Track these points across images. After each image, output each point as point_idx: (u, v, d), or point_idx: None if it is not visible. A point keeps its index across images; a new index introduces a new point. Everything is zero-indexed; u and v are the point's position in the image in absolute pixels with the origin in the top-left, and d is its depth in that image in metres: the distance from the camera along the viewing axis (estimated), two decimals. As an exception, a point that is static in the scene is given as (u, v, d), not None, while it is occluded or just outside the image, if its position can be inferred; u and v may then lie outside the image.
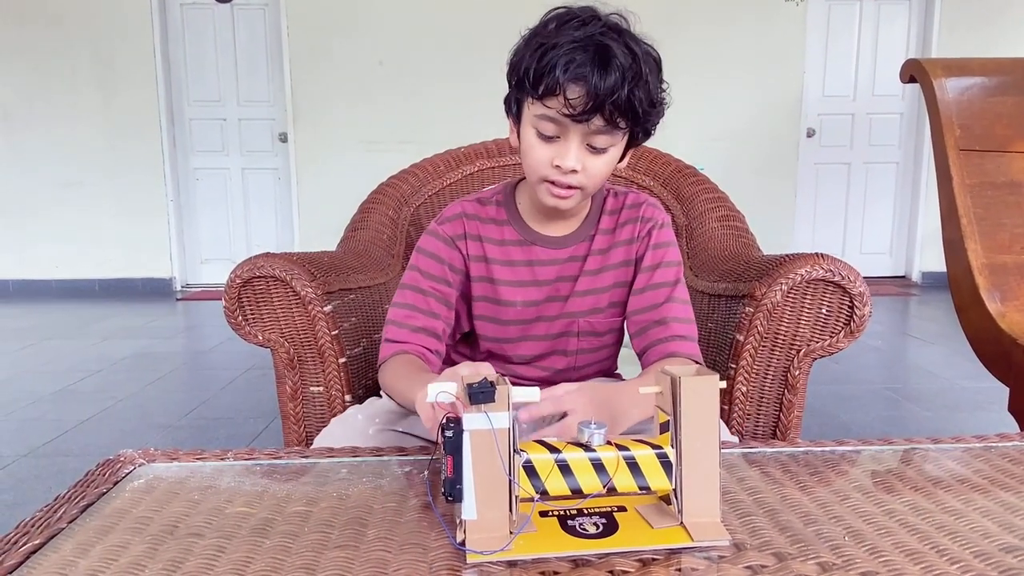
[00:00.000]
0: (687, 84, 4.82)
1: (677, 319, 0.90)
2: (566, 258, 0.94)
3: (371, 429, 0.89)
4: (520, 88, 0.81)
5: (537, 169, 0.83)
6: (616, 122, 0.78)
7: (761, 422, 1.04)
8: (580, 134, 0.79)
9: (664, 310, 0.90)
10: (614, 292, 0.95)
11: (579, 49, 0.75)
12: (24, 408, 2.47)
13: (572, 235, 0.94)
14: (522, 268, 0.94)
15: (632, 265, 0.94)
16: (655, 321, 0.90)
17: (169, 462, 0.74)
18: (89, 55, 4.77)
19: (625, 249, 0.94)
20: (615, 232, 0.94)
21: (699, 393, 0.56)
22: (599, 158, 0.82)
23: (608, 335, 0.97)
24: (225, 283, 1.05)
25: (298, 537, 0.59)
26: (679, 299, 0.92)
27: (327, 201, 4.89)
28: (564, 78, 0.75)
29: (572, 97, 0.76)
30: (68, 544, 0.58)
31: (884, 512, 0.62)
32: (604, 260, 0.94)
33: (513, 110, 0.86)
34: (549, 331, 0.95)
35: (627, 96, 0.76)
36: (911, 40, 4.95)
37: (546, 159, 0.81)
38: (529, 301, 0.94)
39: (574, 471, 0.56)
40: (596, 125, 0.78)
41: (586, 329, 0.95)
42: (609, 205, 0.95)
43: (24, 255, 4.92)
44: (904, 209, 5.13)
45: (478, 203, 0.96)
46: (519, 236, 0.94)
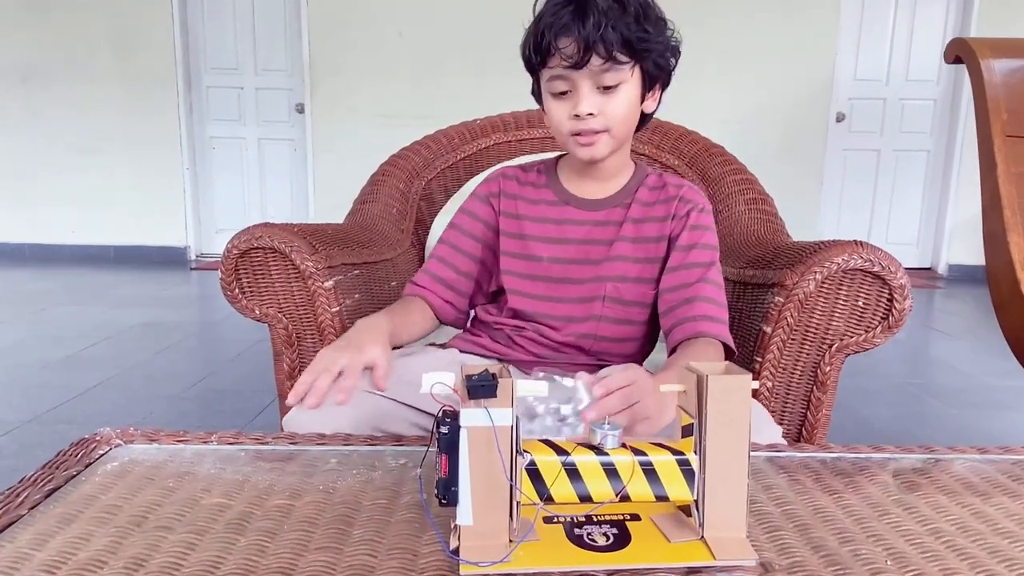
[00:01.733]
0: (714, 65, 4.68)
1: (708, 299, 0.88)
2: (600, 220, 0.95)
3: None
4: (531, 69, 0.89)
5: (561, 126, 0.87)
6: (614, 56, 0.82)
7: (787, 419, 0.97)
8: (587, 80, 0.84)
9: (696, 289, 0.89)
10: (644, 266, 0.94)
11: (560, 8, 0.82)
12: (32, 373, 2.45)
13: (607, 199, 0.96)
14: (551, 225, 0.96)
15: (665, 242, 0.94)
16: (685, 299, 0.89)
17: (148, 443, 0.69)
18: (107, 20, 4.71)
19: (659, 225, 0.94)
20: (652, 207, 0.95)
21: (728, 394, 0.50)
22: (613, 98, 0.85)
23: (634, 307, 0.94)
24: (222, 254, 0.99)
25: (276, 536, 0.53)
26: (712, 281, 0.90)
27: (343, 174, 4.81)
28: (552, 35, 0.82)
29: (564, 47, 0.82)
30: (25, 534, 0.53)
31: (929, 532, 0.56)
32: (638, 231, 0.94)
33: (537, 92, 0.92)
34: (578, 294, 0.95)
35: (615, 31, 0.81)
36: (949, 23, 4.76)
37: (566, 114, 0.86)
38: (556, 258, 0.95)
39: (583, 476, 0.50)
40: (596, 66, 0.82)
41: (612, 294, 0.93)
42: (651, 181, 0.97)
43: (40, 219, 4.91)
44: (933, 199, 4.98)
45: (521, 168, 1.01)
46: (555, 197, 0.97)
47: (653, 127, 1.57)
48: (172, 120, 4.81)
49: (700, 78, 4.68)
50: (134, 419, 2.06)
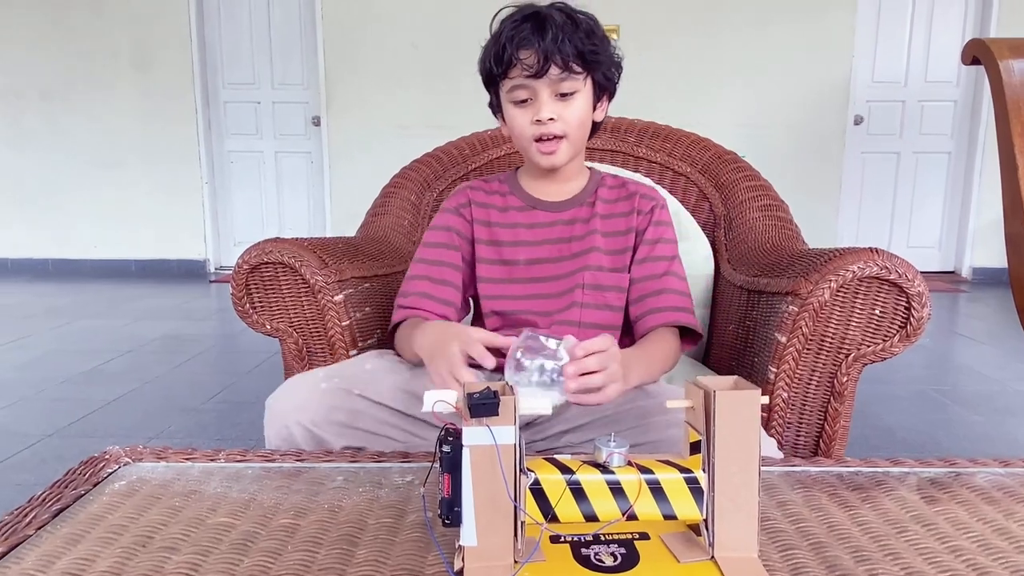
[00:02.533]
0: (731, 69, 4.66)
1: (676, 291, 0.97)
2: (568, 219, 1.01)
3: (324, 384, 0.86)
4: (491, 81, 0.96)
5: (523, 132, 0.94)
6: (570, 67, 0.89)
7: (803, 431, 0.95)
8: (546, 88, 0.90)
9: (664, 282, 0.97)
10: (617, 257, 0.99)
11: (518, 24, 0.90)
12: (55, 387, 2.48)
13: (571, 200, 1.02)
14: (523, 230, 1.01)
15: (633, 234, 1.00)
16: (654, 291, 0.96)
17: (156, 461, 0.69)
18: (127, 37, 4.79)
19: (626, 219, 1.00)
20: (616, 203, 1.02)
21: (737, 410, 0.48)
22: (570, 104, 0.92)
23: (611, 292, 0.98)
24: (233, 269, 1.00)
25: (280, 556, 0.53)
26: (676, 273, 0.99)
27: (359, 185, 4.84)
28: (513, 47, 0.89)
29: (525, 58, 0.89)
30: (32, 555, 0.53)
31: (949, 550, 0.54)
32: (605, 225, 1.00)
33: (495, 104, 0.99)
34: (556, 289, 0.99)
35: (570, 44, 0.89)
36: (967, 24, 4.69)
37: (527, 120, 0.92)
38: (532, 259, 0.99)
39: (589, 496, 0.49)
40: (554, 75, 0.89)
41: (591, 282, 0.98)
42: (609, 182, 1.04)
43: (63, 235, 4.99)
44: (955, 201, 4.90)
45: (483, 181, 1.07)
46: (521, 203, 1.02)
47: (664, 135, 1.56)
48: (191, 135, 4.88)
49: (717, 82, 4.66)
50: (153, 432, 2.08)
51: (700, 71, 4.65)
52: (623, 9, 4.55)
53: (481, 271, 1.00)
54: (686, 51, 4.61)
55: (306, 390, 0.85)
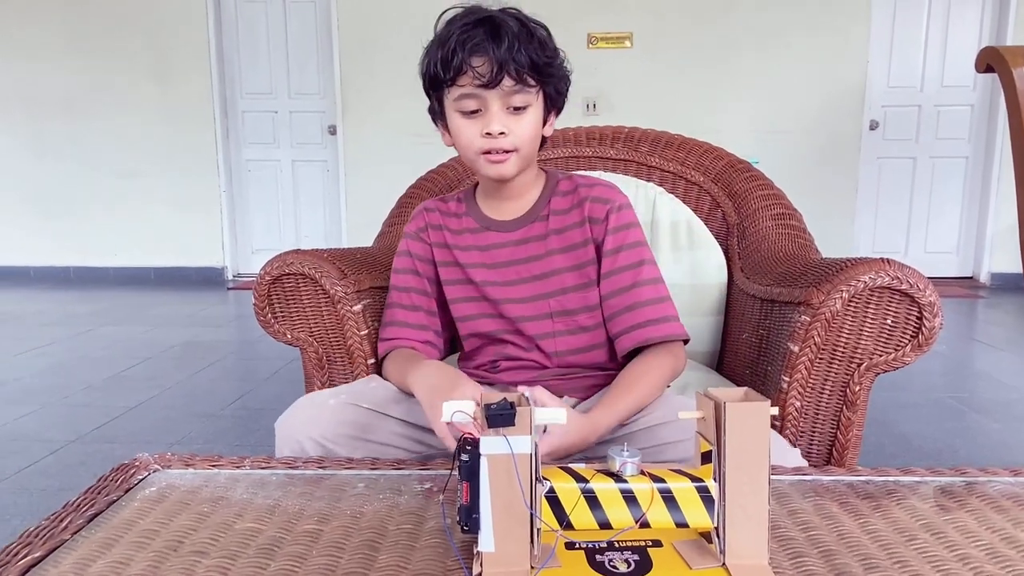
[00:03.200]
0: (743, 73, 4.65)
1: (647, 302, 0.92)
2: (519, 240, 0.97)
3: (332, 400, 0.87)
4: (435, 86, 0.89)
5: (471, 144, 0.88)
6: (524, 79, 0.85)
7: (816, 440, 0.96)
8: (497, 100, 0.86)
9: (632, 295, 0.92)
10: (580, 272, 0.95)
11: (471, 27, 0.84)
12: (77, 393, 2.53)
13: (523, 217, 0.97)
14: (476, 252, 0.98)
15: (591, 245, 0.95)
16: (625, 307, 0.92)
17: (184, 468, 0.71)
18: (146, 48, 4.88)
19: (580, 230, 0.95)
20: (568, 213, 0.96)
21: (747, 421, 0.50)
22: (522, 118, 0.88)
23: (581, 314, 0.95)
24: (255, 280, 1.02)
25: (305, 560, 0.55)
26: (646, 281, 0.93)
27: (375, 193, 4.88)
28: (466, 54, 0.84)
29: (478, 66, 0.84)
30: (69, 558, 0.55)
31: (957, 558, 0.55)
32: (562, 240, 0.95)
33: (437, 111, 0.93)
34: (521, 312, 0.95)
35: (525, 54, 0.84)
36: (984, 27, 4.67)
37: (475, 133, 0.87)
38: (489, 282, 0.97)
39: (603, 504, 0.51)
40: (507, 87, 0.85)
41: (558, 309, 0.95)
42: (563, 187, 0.98)
43: (84, 243, 5.08)
44: (973, 206, 4.86)
45: (440, 200, 1.04)
46: (475, 224, 0.99)
47: (677, 144, 1.57)
48: (209, 144, 4.95)
49: (731, 88, 4.66)
50: (173, 438, 2.11)
51: (714, 77, 4.65)
52: (637, 15, 4.58)
53: (449, 293, 0.99)
54: (700, 57, 4.62)
55: (314, 407, 0.86)
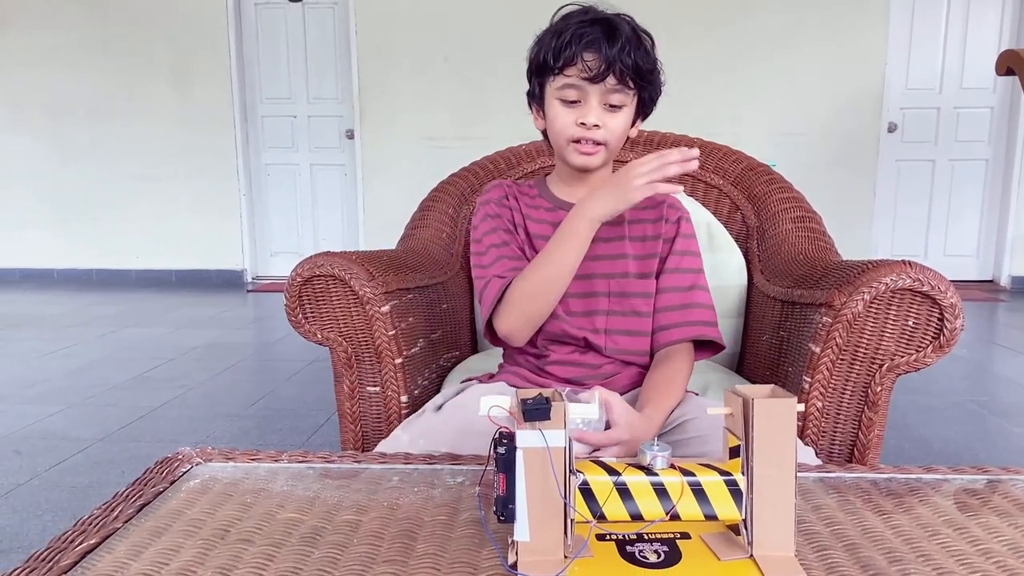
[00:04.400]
0: (761, 75, 4.65)
1: (703, 305, 0.99)
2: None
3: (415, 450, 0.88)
4: (542, 72, 0.96)
5: (564, 131, 0.95)
6: (627, 81, 0.91)
7: (838, 440, 0.97)
8: (598, 95, 0.92)
9: (691, 296, 0.99)
10: (644, 262, 1.01)
11: (588, 25, 0.91)
12: (103, 393, 2.58)
13: None
14: (549, 227, 1.01)
15: (659, 241, 1.01)
16: (682, 304, 0.99)
17: (225, 462, 0.74)
18: (168, 54, 4.96)
19: (653, 226, 1.02)
20: (643, 210, 1.02)
21: (774, 416, 0.52)
22: (617, 116, 0.94)
23: (637, 299, 1.00)
24: (286, 281, 1.05)
25: (347, 548, 0.57)
26: (703, 287, 1.01)
27: (392, 197, 4.94)
28: (579, 47, 0.90)
29: (588, 60, 0.90)
30: (122, 545, 0.58)
31: (979, 552, 0.56)
32: (632, 230, 1.02)
33: (536, 95, 1.00)
34: (579, 289, 1.00)
35: (632, 58, 0.90)
36: (1004, 28, 4.63)
37: (571, 120, 0.94)
38: None
39: (634, 496, 0.53)
40: (610, 85, 0.91)
41: (616, 290, 1.00)
42: None
43: (106, 246, 5.16)
44: (993, 209, 4.82)
45: (513, 182, 1.10)
46: (550, 204, 1.05)
47: (697, 147, 1.58)
48: (229, 149, 5.02)
49: (749, 90, 4.66)
50: (197, 437, 2.15)
51: (732, 79, 4.65)
52: (654, 16, 4.55)
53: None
54: (718, 59, 4.62)
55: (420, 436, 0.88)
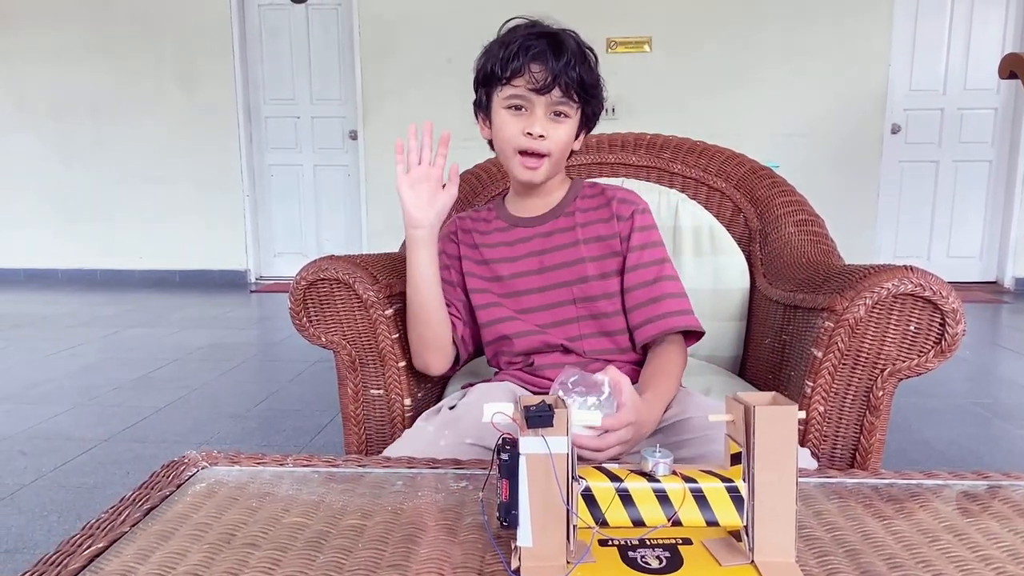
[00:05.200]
0: (764, 76, 4.65)
1: (671, 295, 1.01)
2: (546, 232, 1.06)
3: (442, 441, 0.89)
4: (489, 81, 0.99)
5: (511, 140, 0.98)
6: (571, 95, 0.95)
7: (839, 444, 0.97)
8: (543, 106, 0.96)
9: (657, 288, 1.01)
10: (603, 262, 1.03)
11: (535, 38, 0.95)
12: (107, 394, 2.59)
13: (549, 213, 1.07)
14: (505, 248, 1.07)
15: (616, 240, 1.03)
16: (651, 299, 1.00)
17: (231, 465, 0.74)
18: (172, 54, 4.97)
19: (606, 225, 1.04)
20: (595, 211, 1.05)
21: (775, 424, 0.52)
22: (561, 127, 0.98)
23: (601, 300, 1.02)
24: (291, 285, 1.06)
25: (351, 553, 0.58)
26: (668, 276, 1.02)
27: (395, 198, 4.89)
28: (526, 59, 0.94)
29: (535, 72, 0.94)
30: (129, 549, 0.59)
31: (979, 559, 0.56)
32: (585, 232, 1.04)
33: (483, 105, 1.04)
34: (544, 301, 1.03)
35: (577, 72, 0.94)
36: (1008, 29, 4.63)
37: (518, 130, 0.97)
38: (515, 273, 1.05)
39: (636, 502, 0.53)
40: (556, 96, 0.95)
41: (579, 295, 1.02)
42: (587, 191, 1.08)
43: (110, 246, 5.18)
44: (996, 211, 4.82)
45: (473, 210, 1.16)
46: (504, 223, 1.09)
47: (699, 150, 1.59)
48: (233, 149, 5.03)
49: (752, 91, 4.66)
50: (201, 438, 2.16)
51: (734, 80, 4.65)
52: (657, 18, 4.59)
53: (473, 286, 1.07)
54: (721, 60, 4.62)
55: (424, 448, 0.87)
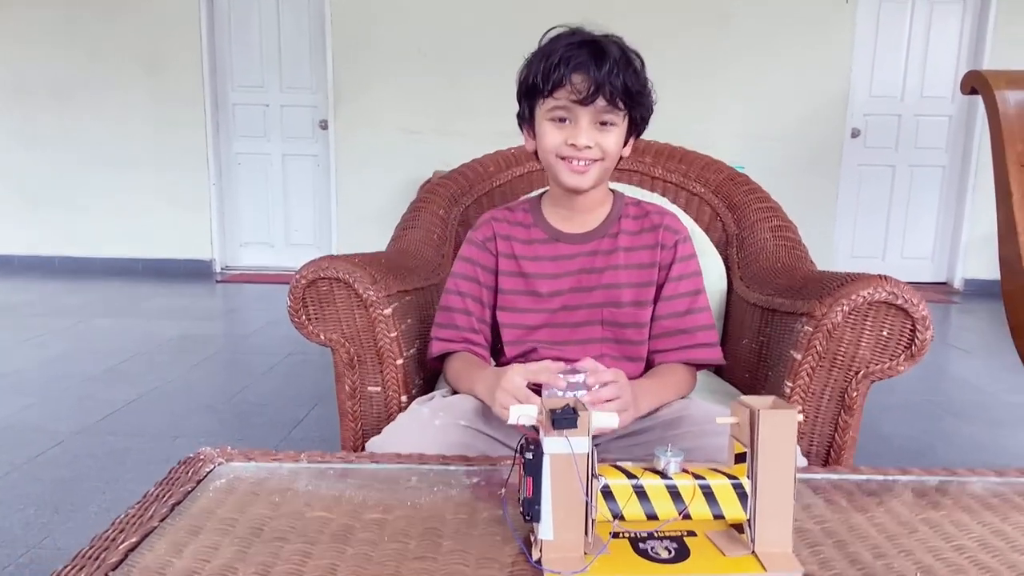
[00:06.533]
0: (731, 81, 4.75)
1: (701, 328, 1.02)
2: (589, 252, 1.03)
3: (436, 421, 0.92)
4: (531, 94, 0.96)
5: (553, 149, 0.95)
6: (616, 102, 0.92)
7: (815, 442, 1.04)
8: (588, 116, 0.93)
9: (688, 320, 1.02)
10: (639, 290, 1.02)
11: (576, 47, 0.91)
12: (77, 385, 2.55)
13: (594, 231, 1.04)
14: (547, 262, 1.04)
15: (656, 268, 1.03)
16: (679, 329, 1.02)
17: (246, 462, 0.77)
18: (139, 41, 4.85)
19: (650, 252, 1.03)
20: (640, 235, 1.04)
21: (777, 426, 0.57)
22: (608, 135, 0.95)
23: (630, 328, 1.02)
24: (290, 283, 1.08)
25: (378, 546, 0.61)
26: (700, 308, 1.03)
27: (365, 188, 4.93)
28: (568, 70, 0.90)
29: (577, 83, 0.91)
30: (162, 543, 0.61)
31: (953, 548, 0.62)
32: (628, 258, 1.03)
33: (526, 117, 1.00)
34: (575, 319, 1.03)
35: (621, 79, 0.91)
36: (963, 41, 4.81)
37: (560, 140, 0.94)
38: (554, 291, 1.03)
39: (650, 497, 0.58)
40: (600, 106, 0.92)
41: (608, 319, 1.02)
42: (632, 211, 1.06)
43: (71, 233, 5.05)
44: (948, 214, 5.02)
45: (507, 210, 1.10)
46: (545, 235, 1.05)
47: (679, 156, 1.65)
48: (199, 136, 4.94)
49: (719, 95, 4.76)
50: (177, 431, 2.15)
51: (702, 84, 4.74)
52: (625, 22, 4.64)
53: (504, 301, 1.05)
54: (688, 64, 4.71)
55: (419, 428, 0.90)
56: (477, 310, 1.06)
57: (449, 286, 1.08)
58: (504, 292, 1.05)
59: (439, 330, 1.07)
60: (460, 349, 1.05)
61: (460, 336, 1.05)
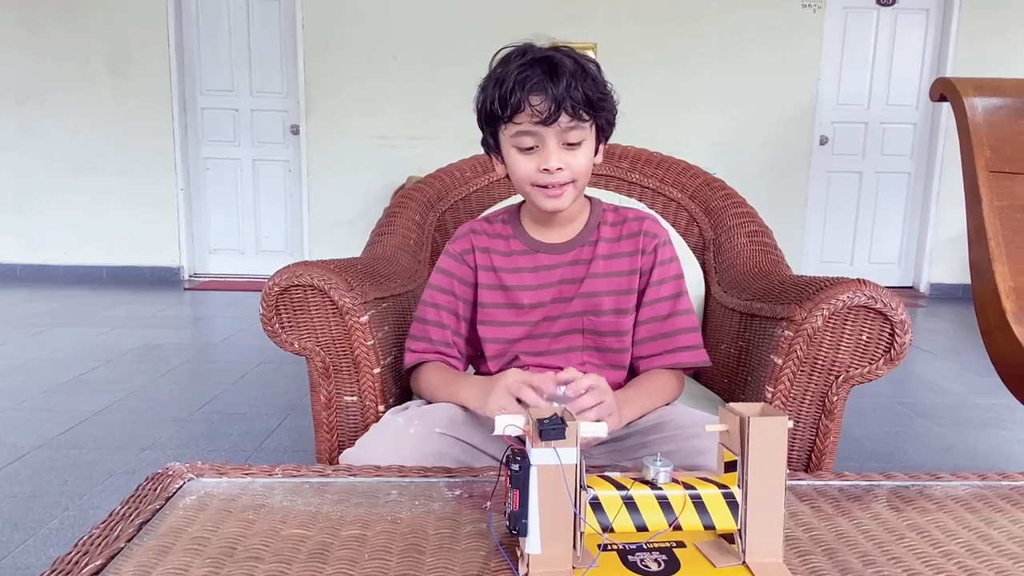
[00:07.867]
0: (700, 88, 4.81)
1: (684, 330, 1.02)
2: (570, 261, 1.03)
3: (411, 429, 0.90)
4: (491, 121, 0.94)
5: (527, 179, 0.94)
6: (579, 114, 0.89)
7: (796, 446, 1.04)
8: (554, 136, 0.90)
9: (670, 323, 1.02)
10: (619, 298, 1.01)
11: (528, 67, 0.88)
12: (38, 397, 2.46)
13: (573, 240, 1.03)
14: (527, 274, 1.03)
15: (637, 275, 1.02)
16: (661, 334, 1.01)
17: (218, 477, 0.74)
18: (104, 41, 4.75)
19: (630, 260, 1.02)
20: (619, 242, 1.03)
21: (768, 434, 0.56)
22: (577, 153, 0.92)
23: (610, 337, 1.01)
24: (263, 290, 1.05)
25: (357, 564, 0.59)
26: (682, 311, 1.03)
27: (337, 194, 4.88)
28: (524, 93, 0.88)
29: (536, 105, 0.88)
30: (128, 565, 0.58)
31: (942, 554, 0.62)
32: (608, 266, 1.02)
33: (492, 145, 0.98)
34: (551, 329, 1.02)
35: (581, 91, 0.88)
36: (927, 49, 4.93)
37: (532, 168, 0.92)
38: (536, 303, 1.02)
39: (640, 508, 0.56)
40: (564, 123, 0.89)
41: (588, 327, 1.01)
42: (610, 218, 1.05)
43: (33, 240, 4.90)
44: (914, 219, 5.13)
45: (486, 221, 1.08)
46: (524, 246, 1.04)
47: (656, 162, 1.65)
48: (167, 141, 4.84)
49: (688, 102, 4.81)
50: (143, 444, 2.09)
51: (674, 91, 4.79)
52: (598, 31, 4.67)
53: (485, 316, 1.04)
54: (661, 72, 4.75)
55: (394, 437, 0.88)
56: (452, 323, 1.05)
57: (425, 297, 1.07)
58: (484, 306, 1.04)
59: (413, 342, 1.06)
60: (434, 359, 1.04)
61: (433, 348, 1.04)
